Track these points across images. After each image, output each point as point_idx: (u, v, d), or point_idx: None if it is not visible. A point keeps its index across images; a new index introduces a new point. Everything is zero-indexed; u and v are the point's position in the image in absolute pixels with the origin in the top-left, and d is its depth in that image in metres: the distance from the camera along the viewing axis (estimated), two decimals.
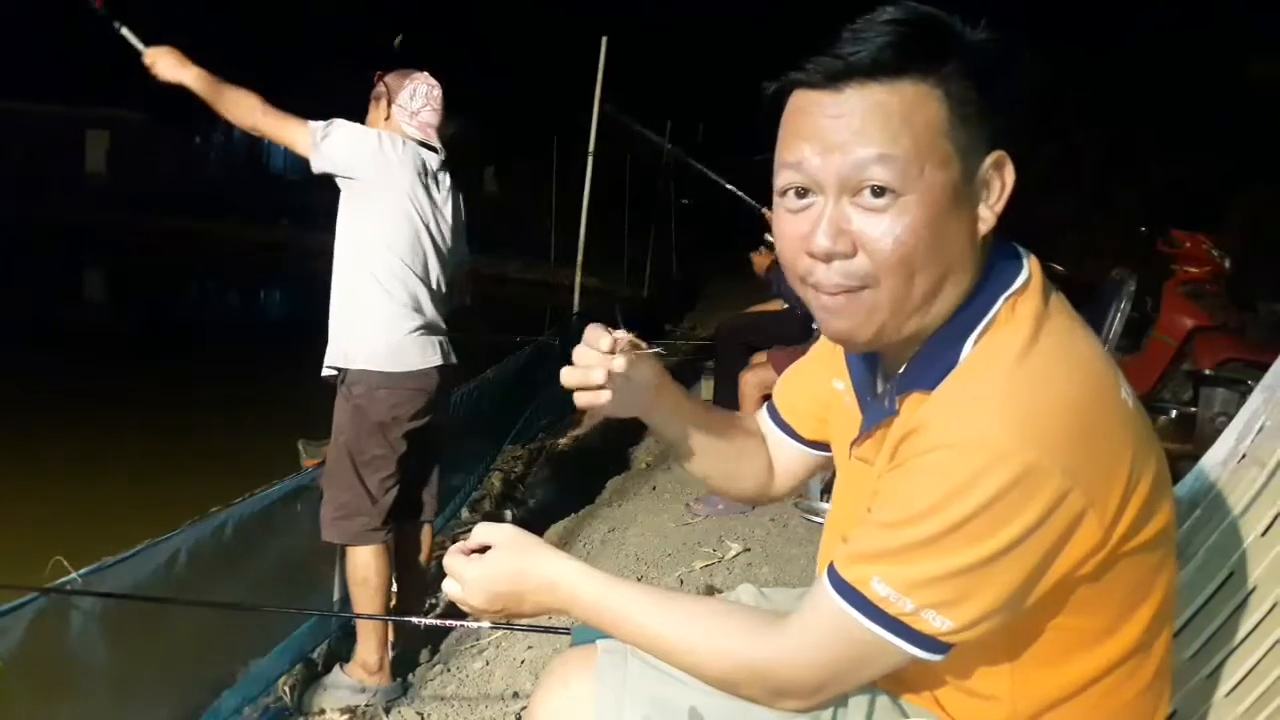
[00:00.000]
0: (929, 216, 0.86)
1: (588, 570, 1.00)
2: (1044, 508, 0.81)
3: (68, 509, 4.32)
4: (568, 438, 5.77)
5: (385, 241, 2.68)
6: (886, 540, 0.86)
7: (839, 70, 0.87)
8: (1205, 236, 5.47)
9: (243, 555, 2.71)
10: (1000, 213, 0.91)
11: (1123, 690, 0.95)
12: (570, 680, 1.07)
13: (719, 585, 3.05)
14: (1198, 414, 4.96)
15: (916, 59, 0.86)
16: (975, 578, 0.83)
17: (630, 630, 0.97)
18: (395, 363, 2.69)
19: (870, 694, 1.00)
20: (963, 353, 0.89)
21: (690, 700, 0.99)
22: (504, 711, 2.51)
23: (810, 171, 0.89)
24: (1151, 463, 0.90)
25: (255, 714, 2.68)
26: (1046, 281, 0.94)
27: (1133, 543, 0.88)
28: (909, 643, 0.86)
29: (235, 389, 6.79)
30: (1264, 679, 1.23)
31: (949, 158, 0.87)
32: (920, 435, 0.86)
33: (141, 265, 16.04)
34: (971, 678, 0.96)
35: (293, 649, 2.91)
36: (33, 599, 2.02)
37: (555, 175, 14.08)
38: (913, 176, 0.85)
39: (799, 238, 0.91)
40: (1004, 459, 0.80)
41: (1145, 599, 0.93)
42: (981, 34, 0.90)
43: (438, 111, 2.81)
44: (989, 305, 0.90)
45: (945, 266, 0.89)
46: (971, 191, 0.89)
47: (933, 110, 0.86)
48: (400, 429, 2.74)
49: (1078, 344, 0.90)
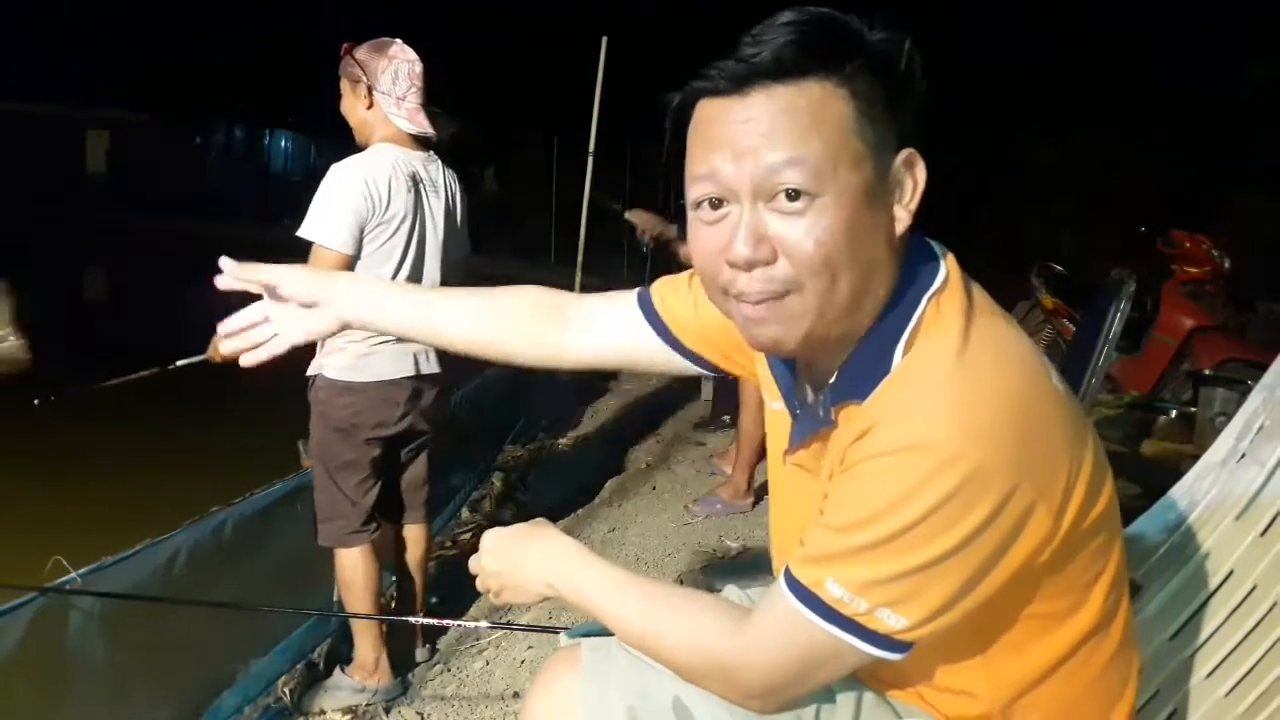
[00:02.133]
0: (847, 217, 0.86)
1: (585, 551, 1.06)
2: (994, 505, 0.82)
3: (68, 509, 4.32)
4: (568, 438, 5.77)
5: (364, 263, 2.59)
6: (839, 543, 0.86)
7: (742, 74, 0.86)
8: (1205, 236, 5.48)
9: (243, 555, 2.71)
10: (915, 211, 0.91)
11: (1093, 661, 0.97)
12: (559, 679, 1.09)
13: (719, 585, 3.05)
14: (1198, 414, 4.96)
15: (819, 58, 0.86)
16: (928, 576, 0.84)
17: (612, 613, 1.00)
18: (359, 373, 2.64)
19: (857, 691, 1.01)
20: (894, 359, 0.89)
21: (674, 691, 1.01)
22: (504, 711, 2.51)
23: (723, 180, 0.88)
24: (1088, 443, 0.91)
25: (255, 714, 2.68)
26: (965, 276, 0.94)
27: (1084, 524, 0.90)
28: (865, 642, 0.87)
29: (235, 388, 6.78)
30: (1264, 679, 1.23)
31: (861, 157, 0.86)
32: (868, 440, 0.86)
33: (141, 265, 16.03)
34: (946, 674, 0.97)
35: (293, 649, 2.91)
36: (32, 599, 2.02)
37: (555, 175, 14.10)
38: (827, 177, 0.85)
39: (718, 249, 0.90)
40: (952, 461, 0.81)
41: (1101, 573, 0.95)
42: (880, 33, 0.89)
43: (422, 90, 2.63)
44: (913, 307, 0.90)
45: (867, 267, 0.88)
46: (885, 190, 0.89)
47: (840, 109, 0.86)
48: (363, 434, 2.68)
49: (1005, 336, 0.91)
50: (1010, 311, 0.96)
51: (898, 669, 0.92)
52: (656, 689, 1.02)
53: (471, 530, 4.22)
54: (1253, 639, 1.26)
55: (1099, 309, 4.24)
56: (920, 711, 1.01)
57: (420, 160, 2.68)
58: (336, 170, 2.55)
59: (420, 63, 2.64)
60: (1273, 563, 1.28)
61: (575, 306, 1.24)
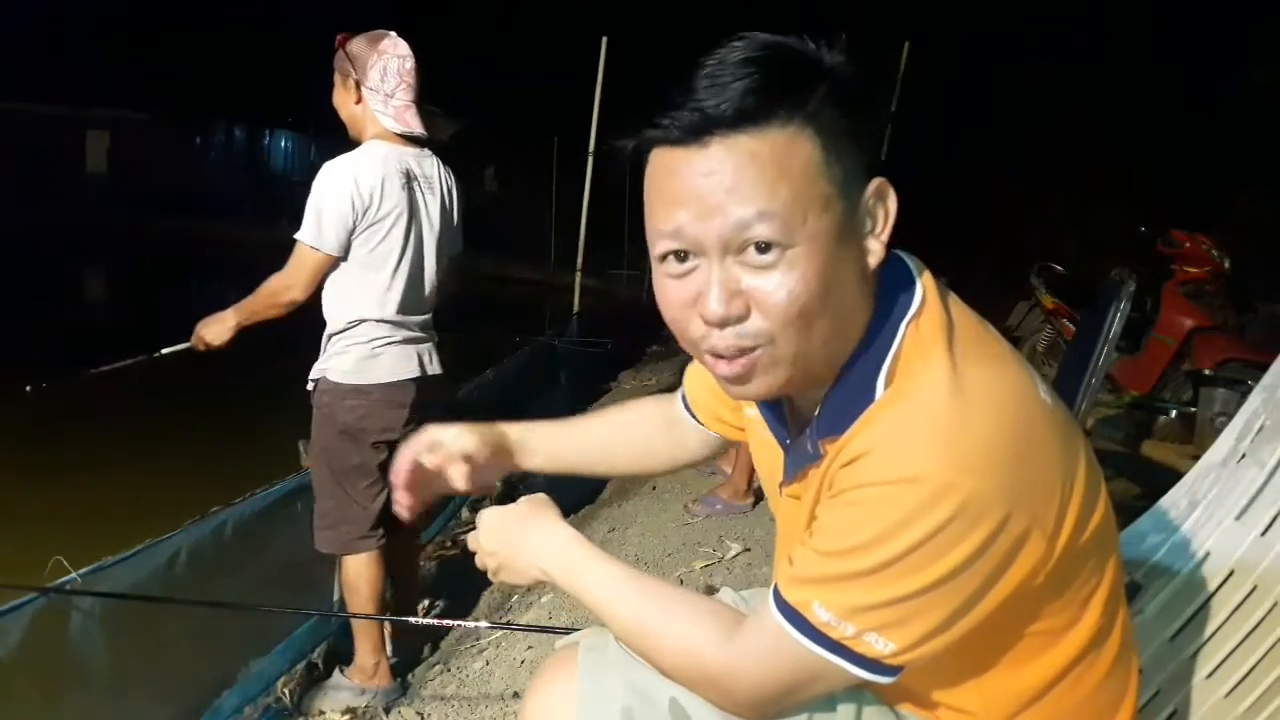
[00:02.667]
0: (819, 264, 0.83)
1: (582, 542, 1.06)
2: (986, 535, 0.81)
3: (67, 509, 4.32)
4: None
5: (371, 266, 2.59)
6: (827, 568, 0.85)
7: (699, 125, 0.81)
8: (1205, 236, 5.47)
9: (243, 555, 2.71)
10: (887, 242, 0.88)
11: (1090, 674, 0.96)
12: (555, 679, 1.08)
13: (719, 585, 3.05)
14: (1198, 414, 4.96)
15: (781, 100, 0.81)
16: (918, 603, 0.83)
17: (607, 610, 1.00)
18: (365, 376, 2.62)
19: (857, 700, 1.01)
20: (876, 392, 0.87)
21: (670, 691, 1.00)
22: (504, 711, 2.51)
23: (690, 237, 0.84)
24: (1080, 457, 0.90)
25: (255, 714, 2.68)
26: (942, 291, 0.92)
27: (1080, 541, 0.88)
28: (853, 664, 0.86)
29: (235, 388, 6.77)
30: (1264, 679, 1.23)
31: (830, 199, 0.83)
32: (857, 468, 0.84)
33: (141, 265, 16.03)
34: (940, 693, 0.97)
35: (293, 649, 2.91)
36: (32, 599, 2.02)
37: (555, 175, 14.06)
38: (796, 227, 0.82)
39: (686, 302, 0.88)
40: (943, 493, 0.80)
41: (1097, 586, 0.94)
42: (838, 55, 0.85)
43: (413, 86, 2.58)
44: (891, 336, 0.88)
45: (841, 307, 0.86)
46: (856, 225, 0.86)
47: (805, 151, 0.82)
48: (370, 438, 2.66)
49: (990, 353, 0.89)
50: (1010, 311, 0.96)
51: (891, 686, 0.91)
52: (653, 690, 1.01)
53: (471, 530, 4.21)
54: (1253, 639, 1.26)
55: (1099, 309, 4.24)
56: (921, 718, 1.00)
57: (414, 156, 2.63)
58: (327, 169, 2.54)
59: (412, 58, 2.59)
60: (1273, 563, 1.28)
61: (679, 415, 1.32)
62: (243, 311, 2.66)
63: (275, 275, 2.59)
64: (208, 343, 2.72)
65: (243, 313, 2.66)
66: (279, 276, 2.58)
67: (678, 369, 7.98)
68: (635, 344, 8.13)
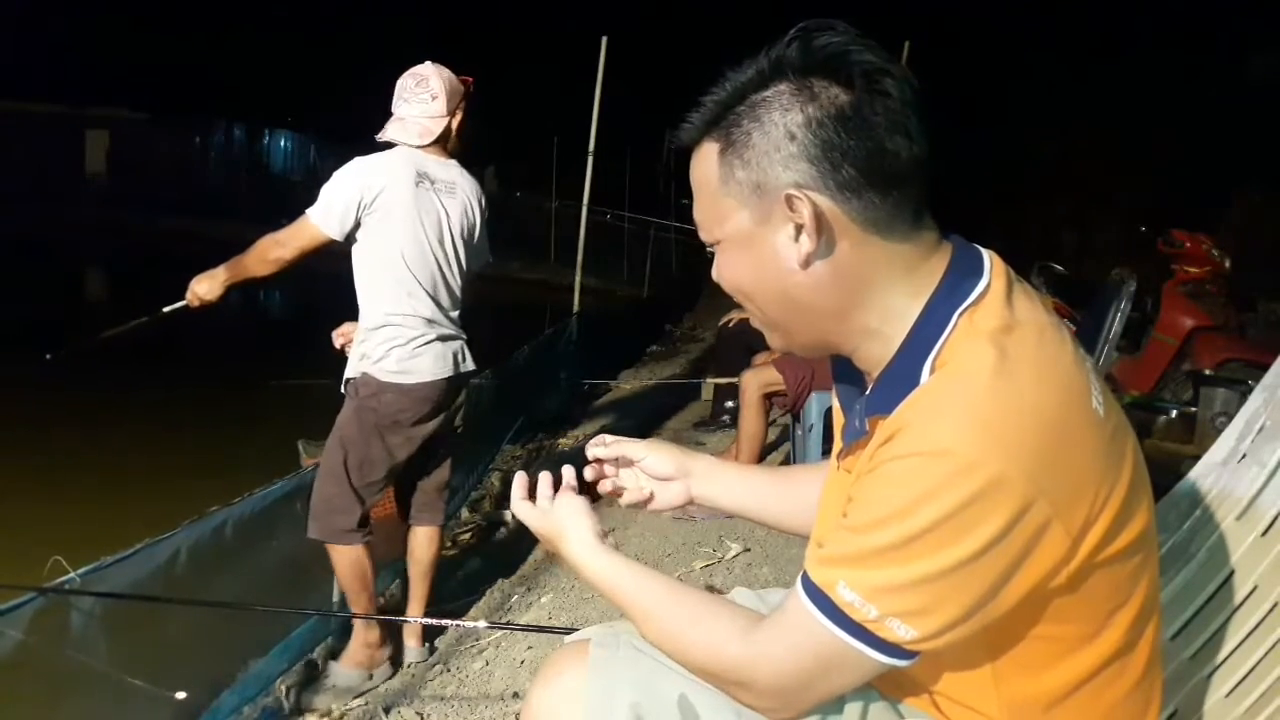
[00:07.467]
0: (735, 259, 0.98)
1: (610, 553, 1.09)
2: (1008, 519, 0.82)
3: (67, 509, 4.32)
4: (568, 437, 5.77)
5: (392, 261, 2.71)
6: (853, 544, 0.87)
7: (680, 141, 1.00)
8: (1205, 236, 5.47)
9: (242, 555, 2.71)
10: (812, 250, 0.93)
11: (1109, 692, 0.96)
12: (564, 672, 1.09)
13: (719, 585, 3.05)
14: (1198, 414, 4.96)
15: (707, 127, 0.97)
16: (938, 587, 0.84)
17: (638, 609, 1.02)
18: (408, 376, 2.75)
19: (864, 699, 1.01)
20: (922, 377, 0.90)
21: (680, 689, 1.01)
22: (504, 711, 2.51)
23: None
24: (1126, 469, 0.90)
25: (255, 713, 2.68)
26: (1012, 286, 0.94)
27: (1108, 551, 0.89)
28: (874, 649, 0.87)
29: (234, 388, 6.78)
30: (1264, 679, 1.23)
31: (730, 210, 0.96)
32: (893, 443, 0.87)
33: (141, 265, 16.04)
34: (957, 688, 0.97)
35: (292, 649, 2.91)
36: (32, 599, 2.02)
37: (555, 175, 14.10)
38: (715, 231, 0.98)
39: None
40: (970, 469, 0.82)
41: (1125, 603, 0.94)
42: (776, 85, 0.93)
43: (427, 102, 2.77)
44: (944, 323, 0.91)
45: (807, 298, 0.95)
46: (772, 231, 0.95)
47: (709, 170, 0.96)
48: (401, 433, 2.77)
49: (1047, 350, 0.90)
50: None
51: (909, 676, 0.91)
52: (662, 686, 1.02)
53: (471, 530, 4.22)
54: (1254, 639, 1.26)
55: (1099, 309, 4.24)
56: (929, 717, 1.00)
57: (433, 161, 2.79)
58: (349, 163, 2.75)
59: (424, 77, 2.78)
60: (1273, 563, 1.28)
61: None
62: (233, 267, 2.81)
63: (271, 234, 2.76)
64: (201, 297, 2.85)
65: (233, 268, 2.81)
66: (274, 235, 2.75)
67: (678, 369, 8.00)
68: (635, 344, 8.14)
